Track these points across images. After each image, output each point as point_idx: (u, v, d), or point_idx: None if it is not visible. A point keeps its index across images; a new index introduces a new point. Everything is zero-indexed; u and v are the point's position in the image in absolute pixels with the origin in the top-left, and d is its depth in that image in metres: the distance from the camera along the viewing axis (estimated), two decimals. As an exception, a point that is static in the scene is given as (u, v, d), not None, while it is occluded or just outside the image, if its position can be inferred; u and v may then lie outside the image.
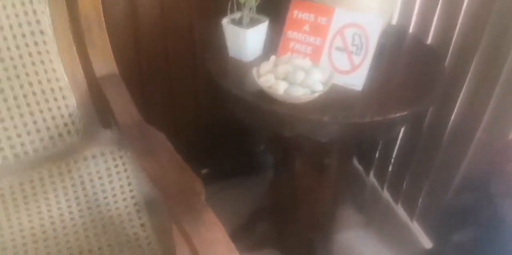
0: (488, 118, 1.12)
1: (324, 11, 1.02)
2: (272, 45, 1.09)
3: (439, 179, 1.38)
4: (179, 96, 1.47)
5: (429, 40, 1.23)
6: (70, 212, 1.03)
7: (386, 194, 1.68)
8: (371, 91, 1.01)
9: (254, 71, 0.97)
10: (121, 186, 1.10)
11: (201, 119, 1.55)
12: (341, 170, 1.29)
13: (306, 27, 1.04)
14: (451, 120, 1.26)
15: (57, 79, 1.04)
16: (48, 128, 1.04)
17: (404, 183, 1.54)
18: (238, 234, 1.52)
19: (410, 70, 1.10)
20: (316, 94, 0.94)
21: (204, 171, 1.62)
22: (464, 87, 1.17)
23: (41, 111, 1.04)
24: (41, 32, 1.02)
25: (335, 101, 0.97)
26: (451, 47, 1.17)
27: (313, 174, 1.26)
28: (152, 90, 1.41)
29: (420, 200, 1.49)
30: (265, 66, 0.98)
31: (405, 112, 0.97)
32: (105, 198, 1.08)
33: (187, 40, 1.35)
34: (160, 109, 1.47)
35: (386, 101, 0.99)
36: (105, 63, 1.07)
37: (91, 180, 1.08)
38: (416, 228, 1.59)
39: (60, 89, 1.04)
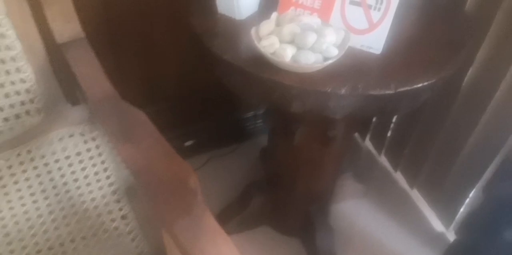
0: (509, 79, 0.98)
1: (336, -44, 0.83)
2: (270, 1, 0.91)
3: (446, 146, 1.26)
4: (158, 60, 1.27)
5: None
6: (37, 208, 0.86)
7: (383, 160, 1.56)
8: (391, 55, 0.85)
9: (253, 32, 0.79)
10: (96, 173, 0.93)
11: (184, 84, 1.36)
12: (346, 143, 1.15)
13: (313, -23, 0.85)
14: (465, 81, 1.12)
15: (7, 48, 0.83)
16: (1, 109, 0.85)
17: (406, 149, 1.42)
18: (229, 211, 1.39)
19: (437, 28, 0.93)
20: (330, 61, 0.77)
21: (188, 143, 1.46)
22: (482, 46, 1.02)
23: (-11, 88, 0.85)
24: (-19, -13, 0.81)
25: (350, 69, 0.81)
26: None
27: (314, 147, 1.11)
28: (126, 55, 1.21)
29: (423, 167, 1.38)
30: (266, 26, 0.80)
31: (434, 79, 0.81)
32: (77, 188, 0.91)
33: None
34: (137, 76, 1.28)
35: (411, 67, 0.83)
36: (67, 24, 0.87)
37: (60, 168, 0.91)
38: (416, 195, 1.49)
39: (13, 59, 0.84)
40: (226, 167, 1.54)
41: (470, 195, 1.26)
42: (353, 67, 0.81)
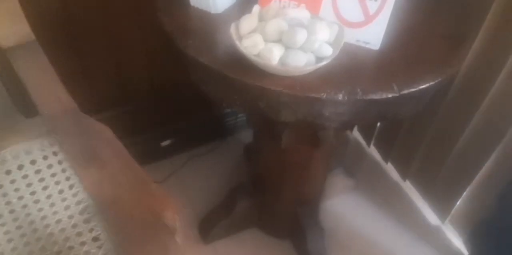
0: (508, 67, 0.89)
1: None
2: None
3: (441, 135, 1.17)
4: (128, 58, 1.14)
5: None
6: (-8, 239, 0.75)
7: (373, 151, 1.47)
8: (391, 51, 0.74)
9: (232, 30, 0.68)
10: (61, 191, 0.81)
11: (158, 82, 1.23)
12: (338, 143, 1.05)
13: (299, -38, 0.74)
14: (461, 71, 1.03)
15: None
16: None
17: (396, 139, 1.33)
18: (214, 216, 1.29)
19: (437, 17, 0.83)
20: (324, 62, 0.66)
21: (165, 142, 1.34)
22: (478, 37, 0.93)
23: None
24: None
25: (346, 69, 0.70)
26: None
27: (303, 149, 1.01)
28: (93, 54, 1.07)
29: (415, 158, 1.30)
30: (247, 22, 0.69)
31: (440, 78, 0.71)
32: (39, 210, 0.80)
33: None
34: (106, 75, 1.15)
35: (413, 64, 0.73)
36: (13, 26, 0.74)
37: (17, 190, 0.79)
38: (408, 187, 1.41)
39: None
40: (208, 167, 1.44)
41: (468, 188, 1.18)
42: (349, 66, 0.71)
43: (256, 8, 0.71)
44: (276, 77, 0.66)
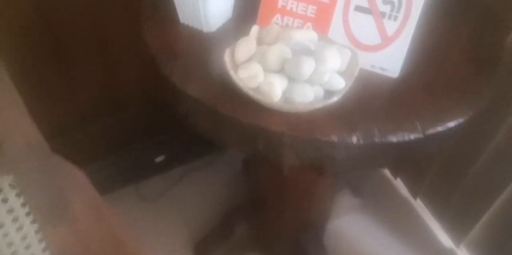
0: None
1: None
2: (248, 4, 0.68)
3: (458, 151, 1.07)
4: (118, 66, 1.03)
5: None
6: None
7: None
8: (412, 78, 0.64)
9: (226, 57, 0.57)
10: (24, 238, 0.71)
11: (150, 91, 1.12)
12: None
13: (305, -26, 0.63)
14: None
15: None
16: None
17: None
18: (210, 241, 1.19)
19: (463, 35, 0.72)
20: (335, 98, 0.55)
21: (159, 159, 1.24)
22: None
23: None
24: None
25: (360, 102, 0.60)
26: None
27: (308, 177, 0.91)
28: (78, 61, 0.96)
29: (427, 174, 1.19)
30: (244, 48, 0.58)
31: (471, 112, 0.61)
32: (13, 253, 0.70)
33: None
34: (94, 84, 1.04)
35: (439, 95, 0.62)
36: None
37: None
38: (420, 206, 1.31)
39: None
40: (205, 182, 1.34)
41: (488, 211, 1.08)
42: (363, 98, 0.60)
43: (254, 29, 0.60)
44: (278, 114, 0.56)
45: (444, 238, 1.25)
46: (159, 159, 1.23)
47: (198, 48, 0.64)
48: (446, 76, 0.65)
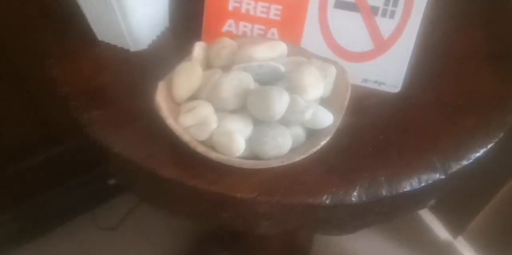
0: None
1: None
2: (190, 8, 0.50)
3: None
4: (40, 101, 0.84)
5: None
6: None
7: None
8: (419, 93, 0.47)
9: (159, 96, 0.39)
10: None
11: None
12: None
13: (261, -40, 0.45)
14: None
15: None
16: None
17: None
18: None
19: (477, 37, 0.55)
20: (323, 143, 0.39)
21: (111, 180, 1.06)
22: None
23: None
24: None
25: (354, 135, 0.43)
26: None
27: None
28: None
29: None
30: (185, 77, 0.40)
31: (500, 134, 0.45)
32: None
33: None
34: (16, 115, 0.85)
35: (456, 114, 0.46)
36: None
37: None
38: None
39: None
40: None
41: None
42: (360, 132, 0.44)
43: (198, 49, 0.42)
44: (244, 172, 0.39)
45: (441, 230, 1.15)
46: (112, 180, 1.05)
47: (125, 80, 0.46)
48: (462, 83, 0.49)
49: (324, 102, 0.42)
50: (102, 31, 0.48)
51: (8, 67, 0.74)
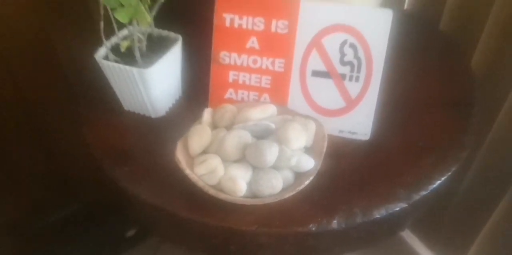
0: None
1: (280, 10, 0.56)
2: (198, 80, 0.63)
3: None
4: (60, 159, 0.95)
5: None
6: None
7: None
8: (386, 138, 0.59)
9: (179, 150, 0.51)
10: None
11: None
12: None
13: (252, 42, 0.58)
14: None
15: None
16: None
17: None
18: None
19: (434, 86, 0.67)
20: (307, 181, 0.49)
21: (130, 233, 1.15)
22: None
23: None
24: None
25: (333, 175, 0.54)
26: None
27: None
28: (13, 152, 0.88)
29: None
30: (198, 137, 0.52)
31: (454, 167, 0.56)
32: None
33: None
34: (32, 174, 0.95)
35: (418, 153, 0.57)
36: None
37: None
38: (409, 236, 1.25)
39: None
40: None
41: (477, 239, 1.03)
42: (338, 172, 0.55)
43: (207, 114, 0.54)
44: (246, 209, 0.49)
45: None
46: (130, 233, 1.14)
47: (148, 141, 0.58)
48: (422, 128, 0.60)
49: (307, 150, 0.53)
50: (128, 103, 0.60)
51: (34, 131, 0.84)
